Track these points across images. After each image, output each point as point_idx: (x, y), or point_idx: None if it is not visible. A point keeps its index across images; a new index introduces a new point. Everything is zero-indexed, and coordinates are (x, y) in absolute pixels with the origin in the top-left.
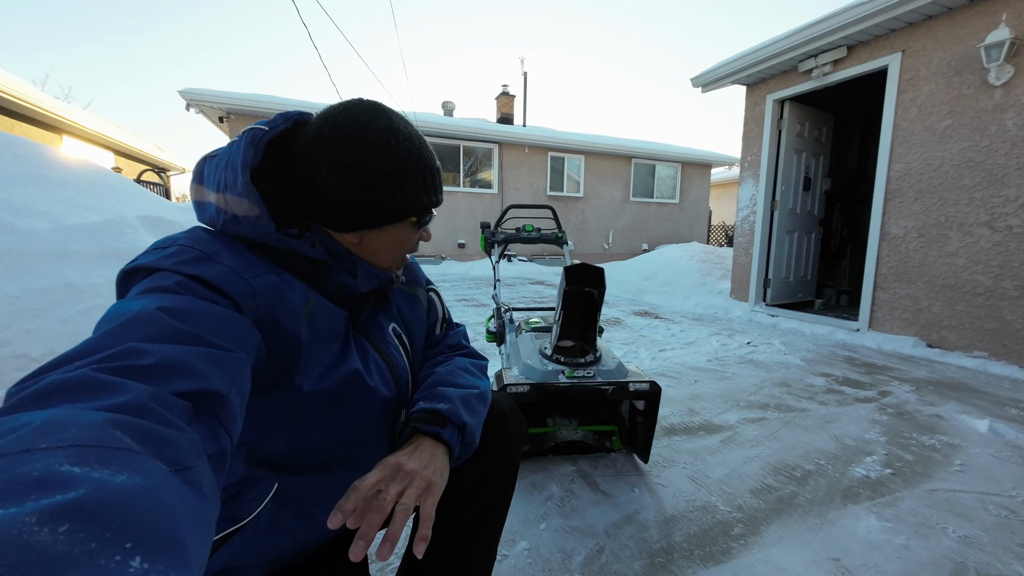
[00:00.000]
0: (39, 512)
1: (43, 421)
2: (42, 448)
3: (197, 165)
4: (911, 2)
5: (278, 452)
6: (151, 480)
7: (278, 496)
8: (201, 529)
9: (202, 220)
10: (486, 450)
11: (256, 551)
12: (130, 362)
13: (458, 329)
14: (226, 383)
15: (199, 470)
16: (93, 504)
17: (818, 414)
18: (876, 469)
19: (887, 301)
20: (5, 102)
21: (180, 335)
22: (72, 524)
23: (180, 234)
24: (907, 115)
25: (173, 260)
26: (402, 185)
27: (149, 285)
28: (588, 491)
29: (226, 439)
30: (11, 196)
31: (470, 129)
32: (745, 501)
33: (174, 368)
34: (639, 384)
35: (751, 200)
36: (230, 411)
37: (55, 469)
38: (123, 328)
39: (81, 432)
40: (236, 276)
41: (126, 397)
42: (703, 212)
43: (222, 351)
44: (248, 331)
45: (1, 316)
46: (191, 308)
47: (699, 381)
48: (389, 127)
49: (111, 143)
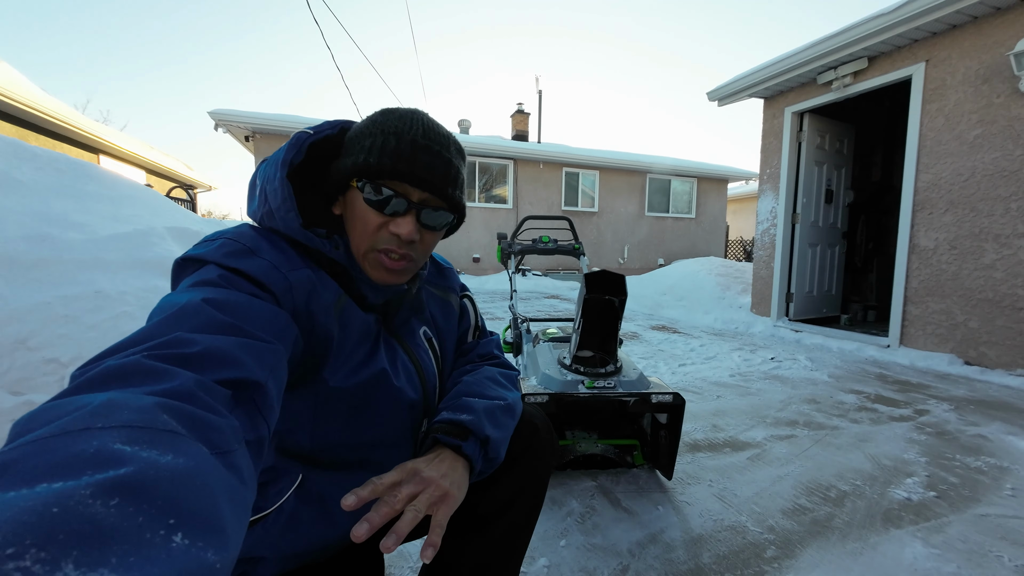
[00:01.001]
0: (94, 486)
1: (100, 403)
2: (98, 427)
3: (256, 167)
4: (934, 12)
5: (305, 445)
6: (194, 462)
7: (301, 490)
8: (239, 511)
9: (249, 213)
10: (516, 468)
11: (275, 544)
12: (178, 350)
13: (491, 338)
14: (265, 373)
15: (239, 455)
16: (142, 481)
17: (851, 432)
18: (918, 491)
19: (919, 316)
20: (50, 124)
21: (223, 326)
22: (122, 499)
23: (228, 229)
24: (934, 125)
25: (219, 253)
26: (354, 146)
27: (196, 279)
28: (610, 508)
29: (264, 426)
30: (50, 208)
31: (485, 146)
32: (777, 522)
33: (217, 357)
34: (662, 396)
35: (771, 213)
36: (268, 400)
37: (109, 447)
38: (172, 319)
39: (132, 414)
40: (275, 270)
41: (174, 383)
42: (720, 227)
43: (262, 342)
44: (287, 324)
45: (35, 322)
46: (234, 301)
47: (722, 396)
48: (406, 113)
49: (144, 162)
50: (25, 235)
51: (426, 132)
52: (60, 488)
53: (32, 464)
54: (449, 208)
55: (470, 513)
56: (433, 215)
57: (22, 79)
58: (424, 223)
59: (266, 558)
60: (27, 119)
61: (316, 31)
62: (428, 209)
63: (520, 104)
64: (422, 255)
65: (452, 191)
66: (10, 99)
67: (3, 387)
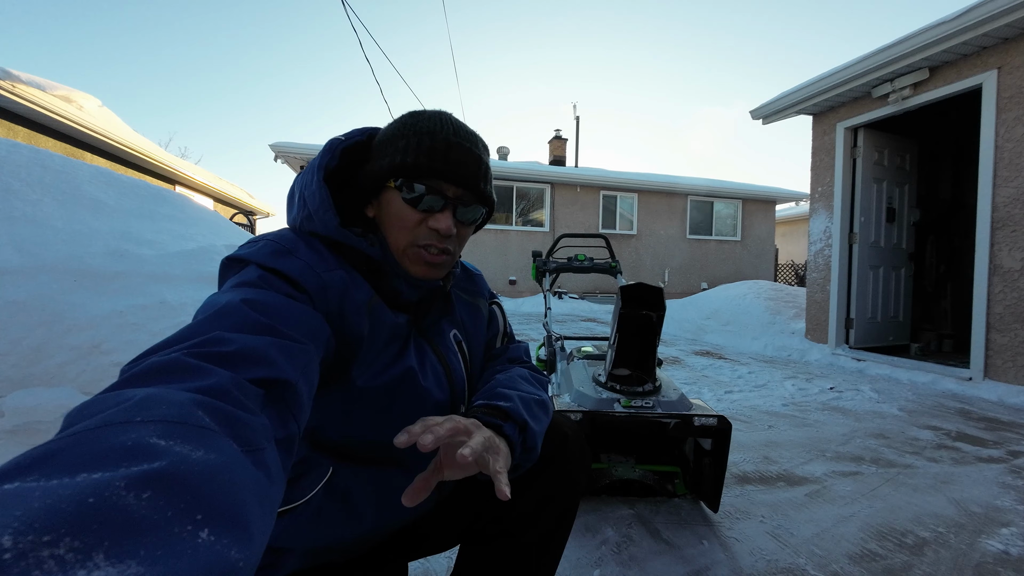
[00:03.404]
0: (128, 478)
1: (141, 397)
2: (137, 421)
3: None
4: (1007, 16)
5: (336, 441)
6: (224, 458)
7: (329, 484)
8: (265, 509)
9: (289, 222)
10: (546, 473)
11: (301, 537)
12: (215, 349)
13: (519, 344)
14: (296, 373)
15: (268, 453)
16: (173, 475)
17: (929, 472)
18: (1017, 544)
19: (1006, 345)
20: (135, 159)
21: (259, 327)
22: (154, 492)
23: (271, 232)
24: (1011, 135)
25: (261, 254)
26: (387, 148)
27: (239, 279)
28: (648, 538)
29: (294, 425)
30: (129, 227)
31: (523, 171)
32: (842, 567)
33: (251, 356)
34: (705, 419)
35: (824, 232)
36: (299, 399)
37: (145, 440)
38: (212, 318)
39: (169, 409)
40: (310, 270)
41: (210, 381)
42: (768, 250)
43: (295, 343)
44: (320, 325)
45: (108, 328)
46: (270, 302)
47: (774, 427)
48: (434, 114)
49: (212, 190)
50: (107, 251)
51: (456, 131)
52: (98, 479)
53: (76, 453)
54: (481, 202)
55: (500, 519)
56: (467, 211)
57: (116, 120)
58: (459, 218)
59: (293, 550)
60: (118, 154)
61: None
62: (462, 205)
63: (558, 130)
64: (458, 249)
65: (484, 185)
66: (105, 137)
67: (78, 387)
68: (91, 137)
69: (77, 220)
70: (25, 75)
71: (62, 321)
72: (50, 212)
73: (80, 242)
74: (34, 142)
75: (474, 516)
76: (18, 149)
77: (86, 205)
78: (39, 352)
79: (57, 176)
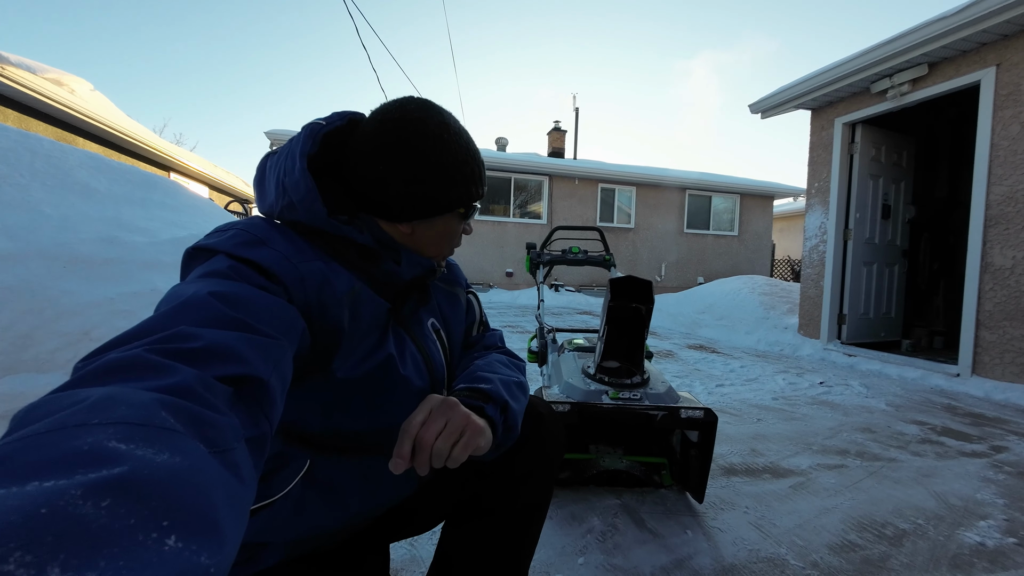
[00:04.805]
0: (85, 485)
1: (97, 398)
2: (94, 423)
3: (261, 161)
4: (1006, 12)
5: (315, 433)
6: (191, 461)
7: (308, 476)
8: (236, 511)
9: (261, 209)
10: (523, 450)
11: (281, 530)
12: (180, 345)
13: (494, 332)
14: (268, 369)
15: (238, 453)
16: (135, 481)
17: (912, 466)
18: (994, 536)
19: (995, 343)
20: (129, 144)
21: (228, 321)
22: (113, 499)
23: (240, 220)
24: (1008, 133)
25: (231, 243)
26: (454, 177)
27: (206, 269)
28: (633, 528)
29: (265, 424)
30: (120, 214)
31: (522, 162)
32: (822, 557)
33: (220, 353)
34: (692, 411)
35: (820, 228)
36: (270, 397)
37: (103, 444)
38: (177, 311)
39: (130, 410)
40: (286, 261)
41: (174, 379)
42: (765, 245)
43: (267, 338)
44: (294, 318)
45: (99, 315)
46: (240, 295)
47: (763, 420)
48: (441, 122)
49: (207, 178)
50: (98, 237)
51: (476, 147)
52: (51, 487)
53: (25, 460)
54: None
55: (480, 497)
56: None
57: (109, 104)
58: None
59: (272, 544)
60: (111, 140)
61: (363, 54)
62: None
63: (557, 122)
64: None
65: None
66: (97, 122)
67: (68, 374)
68: (83, 121)
69: (67, 206)
70: (15, 57)
71: (52, 307)
72: (40, 197)
73: (70, 228)
74: (24, 126)
75: (456, 495)
76: (6, 132)
77: (76, 191)
78: (29, 338)
79: (47, 161)
